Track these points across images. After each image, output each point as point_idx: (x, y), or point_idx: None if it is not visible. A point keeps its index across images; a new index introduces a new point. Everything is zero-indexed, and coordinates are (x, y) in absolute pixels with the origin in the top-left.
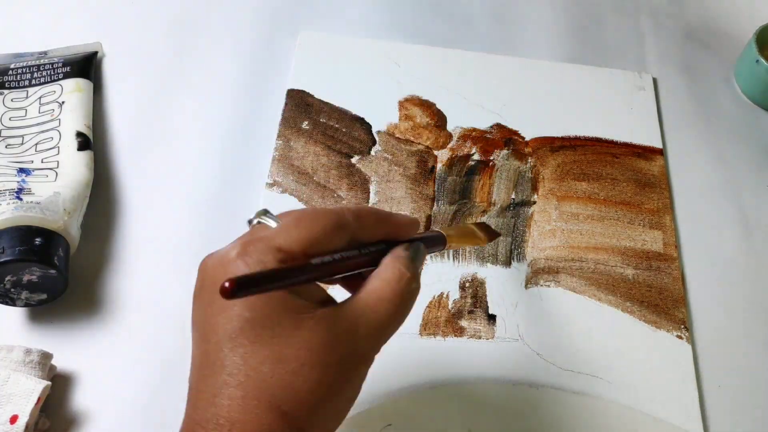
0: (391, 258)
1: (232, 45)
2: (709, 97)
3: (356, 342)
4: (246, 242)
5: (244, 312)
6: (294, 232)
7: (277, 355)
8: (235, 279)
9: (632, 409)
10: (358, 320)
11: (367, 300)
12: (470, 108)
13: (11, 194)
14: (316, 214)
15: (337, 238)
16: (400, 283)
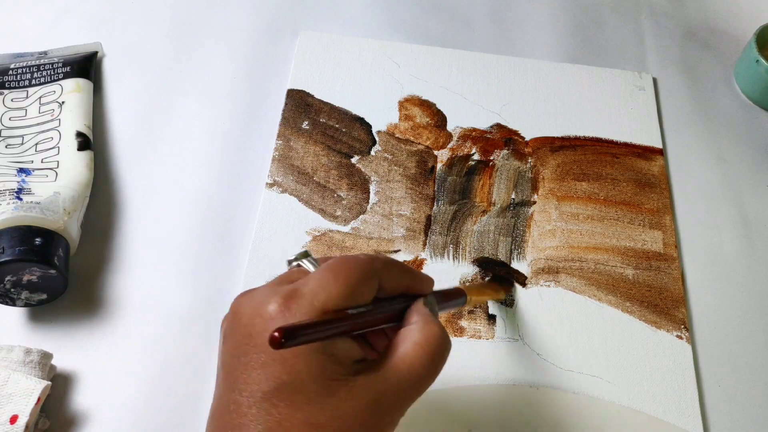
0: (420, 316)
1: (232, 45)
2: (709, 97)
3: (385, 409)
4: (288, 295)
5: (282, 374)
6: (334, 286)
7: (310, 421)
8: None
9: (632, 409)
10: (389, 388)
11: (399, 365)
12: (470, 108)
13: (11, 194)
14: (352, 264)
15: (369, 288)
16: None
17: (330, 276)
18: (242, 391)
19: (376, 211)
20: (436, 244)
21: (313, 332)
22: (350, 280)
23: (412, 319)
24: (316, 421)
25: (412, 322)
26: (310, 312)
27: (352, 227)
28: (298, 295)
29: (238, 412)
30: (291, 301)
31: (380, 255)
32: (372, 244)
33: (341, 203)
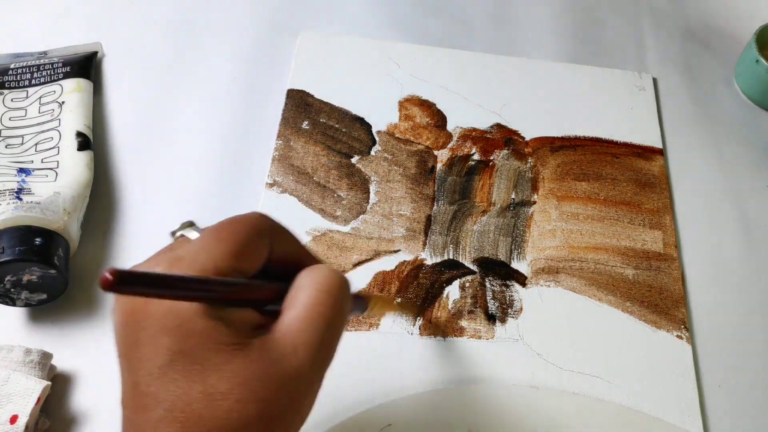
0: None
1: (232, 45)
2: (709, 97)
3: (296, 368)
4: (169, 262)
5: (171, 344)
6: (217, 247)
7: (210, 392)
8: (118, 272)
9: (632, 409)
10: (294, 342)
11: (299, 314)
12: (470, 108)
13: (11, 194)
14: (235, 223)
15: (257, 250)
16: (327, 282)
17: (212, 237)
18: (138, 370)
19: (376, 211)
20: (436, 244)
21: (158, 285)
22: (235, 239)
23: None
24: (215, 392)
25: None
26: (188, 272)
27: (352, 227)
28: (178, 259)
29: (140, 393)
30: (172, 266)
31: (270, 217)
32: (372, 244)
33: (341, 203)
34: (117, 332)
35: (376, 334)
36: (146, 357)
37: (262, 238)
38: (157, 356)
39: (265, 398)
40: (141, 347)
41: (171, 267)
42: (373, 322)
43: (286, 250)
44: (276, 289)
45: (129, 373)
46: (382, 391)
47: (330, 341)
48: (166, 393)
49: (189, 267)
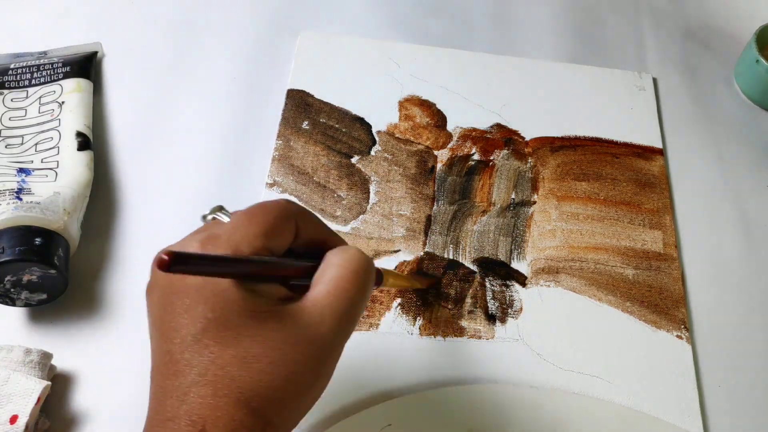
0: (335, 248)
1: (232, 45)
2: (709, 97)
3: (322, 335)
4: (205, 239)
5: (207, 313)
6: (249, 228)
7: (243, 355)
8: (174, 252)
9: (632, 409)
10: (322, 311)
11: (328, 289)
12: (470, 108)
13: (11, 194)
14: (265, 207)
15: (286, 231)
16: (354, 262)
17: (245, 218)
18: (173, 339)
19: (376, 211)
20: (436, 244)
21: (207, 264)
22: (265, 220)
23: (329, 253)
24: (248, 355)
25: (329, 254)
26: (227, 251)
27: (352, 227)
28: (214, 237)
29: (173, 360)
30: (208, 243)
31: (297, 203)
32: (372, 244)
33: (341, 203)
34: (153, 304)
35: (376, 334)
36: (182, 325)
37: (290, 220)
38: (192, 324)
39: (295, 360)
40: (177, 317)
41: (207, 244)
42: (373, 323)
43: (311, 232)
44: (303, 267)
45: (163, 342)
46: (382, 391)
47: (354, 314)
48: (199, 358)
49: (226, 244)
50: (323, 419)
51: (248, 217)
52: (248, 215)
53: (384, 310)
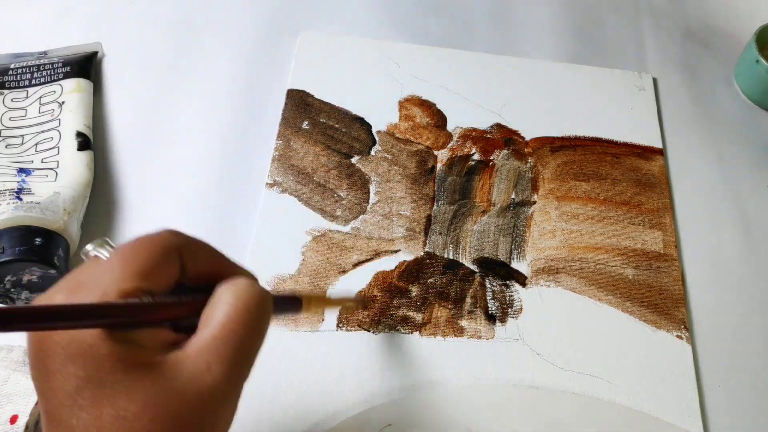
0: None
1: (232, 45)
2: (709, 97)
3: (210, 385)
4: (70, 289)
5: (78, 371)
6: (121, 269)
7: (122, 414)
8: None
9: (632, 409)
10: (208, 359)
11: (215, 332)
12: (470, 108)
13: (11, 194)
14: (141, 244)
15: (167, 268)
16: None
17: (118, 259)
18: (50, 400)
19: (376, 211)
20: (436, 244)
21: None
22: (141, 259)
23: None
24: (128, 413)
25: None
26: (93, 299)
27: (352, 227)
28: (80, 285)
29: (55, 420)
30: (75, 291)
31: (184, 233)
32: (372, 244)
33: (341, 203)
34: (29, 362)
35: (376, 334)
36: (56, 386)
37: (171, 255)
38: (65, 384)
39: (179, 416)
40: (50, 376)
41: (73, 292)
42: (372, 323)
43: (202, 264)
44: (190, 305)
45: (43, 402)
46: (382, 391)
47: (246, 358)
48: (77, 420)
49: (91, 292)
50: (323, 419)
51: (121, 258)
52: (121, 255)
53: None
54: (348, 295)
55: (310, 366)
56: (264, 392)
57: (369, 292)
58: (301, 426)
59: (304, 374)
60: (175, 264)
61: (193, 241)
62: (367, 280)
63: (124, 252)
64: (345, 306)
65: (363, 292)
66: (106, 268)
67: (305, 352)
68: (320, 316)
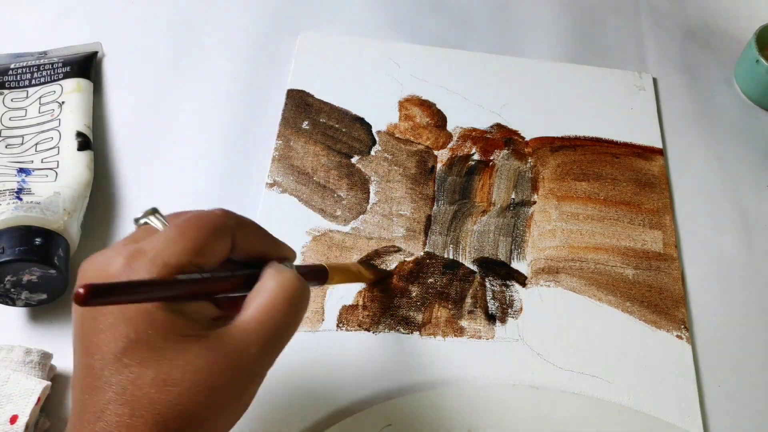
0: (273, 268)
1: (232, 45)
2: (709, 97)
3: (245, 363)
4: (131, 255)
5: (129, 332)
6: (179, 243)
7: (163, 377)
8: (90, 286)
9: (632, 409)
10: (248, 339)
11: (257, 315)
12: (470, 108)
13: (11, 194)
14: (200, 219)
15: (220, 246)
16: (289, 289)
17: (176, 232)
18: (94, 354)
19: (376, 211)
20: (436, 244)
21: (128, 293)
22: (198, 236)
23: (266, 273)
24: (168, 378)
25: (266, 275)
26: (153, 270)
27: (352, 227)
28: (141, 253)
29: (93, 376)
30: (134, 260)
31: (235, 214)
32: (372, 244)
33: (341, 203)
34: (76, 317)
35: (376, 334)
36: (104, 342)
37: (224, 235)
38: (114, 342)
39: (215, 387)
40: (99, 333)
41: (133, 259)
42: (372, 323)
43: (250, 244)
44: (236, 281)
45: (84, 355)
46: (382, 391)
47: (281, 342)
48: (119, 377)
49: (151, 261)
50: (323, 419)
51: (179, 232)
52: (179, 229)
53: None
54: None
55: (310, 366)
56: (264, 392)
57: (369, 291)
58: (301, 426)
59: (304, 374)
60: (227, 243)
61: (245, 222)
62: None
63: (182, 226)
64: (363, 280)
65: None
66: (165, 239)
67: (305, 352)
68: (321, 316)
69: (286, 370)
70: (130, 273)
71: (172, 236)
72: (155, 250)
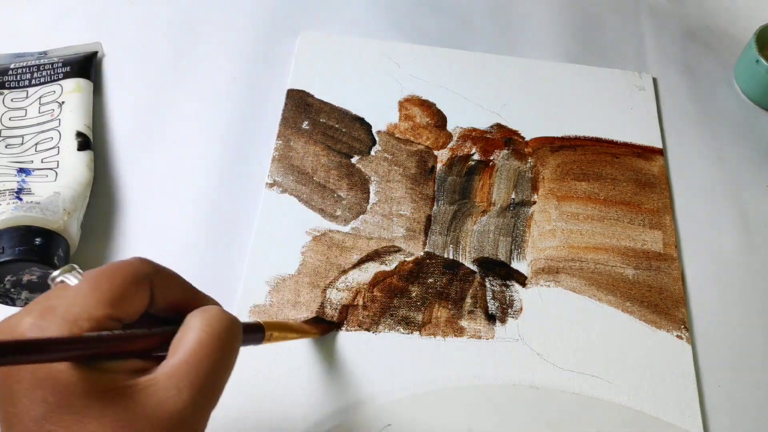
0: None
1: (232, 45)
2: (709, 97)
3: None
4: (41, 312)
5: (46, 396)
6: (92, 296)
7: None
8: None
9: (632, 409)
10: (178, 384)
11: (185, 357)
12: (470, 108)
13: (11, 194)
14: (114, 269)
15: (137, 296)
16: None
17: (88, 285)
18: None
19: (376, 211)
20: (436, 244)
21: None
22: (111, 287)
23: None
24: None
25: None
26: (63, 326)
27: (352, 227)
28: (51, 309)
29: None
30: (42, 317)
31: (153, 262)
32: (372, 244)
33: (341, 203)
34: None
35: (376, 334)
36: (23, 411)
37: (141, 284)
38: (33, 409)
39: None
40: (17, 401)
41: (43, 317)
42: (372, 323)
43: (171, 293)
44: (160, 336)
45: (7, 427)
46: (382, 391)
47: (216, 383)
48: None
49: (62, 318)
50: (323, 419)
51: (91, 284)
52: (92, 282)
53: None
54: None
55: (310, 366)
56: (264, 392)
57: (369, 291)
58: (301, 426)
59: (304, 374)
60: (145, 292)
61: (163, 271)
62: (367, 280)
63: (95, 278)
64: (308, 337)
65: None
66: (76, 293)
67: (305, 352)
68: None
69: (286, 370)
70: (39, 331)
71: (85, 289)
72: (66, 305)
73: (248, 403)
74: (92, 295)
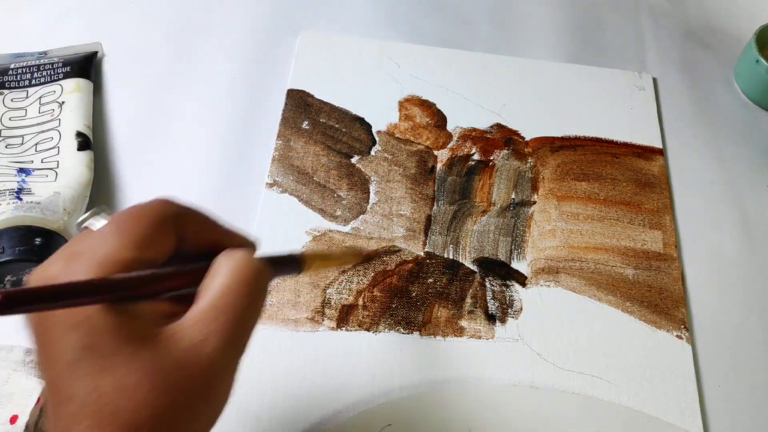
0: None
1: (232, 45)
2: (709, 97)
3: (207, 356)
4: (69, 257)
5: (77, 341)
6: (115, 239)
7: (122, 384)
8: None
9: (632, 409)
10: (206, 330)
11: (212, 303)
12: (470, 108)
13: (11, 194)
14: (136, 212)
15: (163, 238)
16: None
17: (112, 228)
18: (51, 368)
19: (376, 211)
20: (436, 244)
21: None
22: (136, 229)
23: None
24: (128, 383)
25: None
26: (90, 269)
27: (352, 227)
28: (78, 254)
29: (55, 389)
30: (71, 261)
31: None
32: (372, 244)
33: (341, 203)
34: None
35: (376, 334)
36: (57, 355)
37: (166, 224)
38: (66, 353)
39: (177, 387)
40: (51, 346)
41: (69, 264)
42: (372, 323)
43: (200, 234)
44: (190, 274)
45: (45, 370)
46: (382, 391)
47: (243, 330)
48: (78, 388)
49: (88, 262)
50: (323, 419)
51: (115, 227)
52: (116, 225)
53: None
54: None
55: (310, 366)
56: (264, 392)
57: (369, 291)
58: (301, 426)
59: (304, 374)
60: (171, 233)
61: (188, 210)
62: (367, 280)
63: (118, 222)
64: (348, 261)
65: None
66: (101, 238)
67: (305, 352)
68: (321, 316)
69: (286, 371)
70: (68, 276)
71: (108, 232)
72: (92, 249)
73: (248, 403)
74: (117, 239)
